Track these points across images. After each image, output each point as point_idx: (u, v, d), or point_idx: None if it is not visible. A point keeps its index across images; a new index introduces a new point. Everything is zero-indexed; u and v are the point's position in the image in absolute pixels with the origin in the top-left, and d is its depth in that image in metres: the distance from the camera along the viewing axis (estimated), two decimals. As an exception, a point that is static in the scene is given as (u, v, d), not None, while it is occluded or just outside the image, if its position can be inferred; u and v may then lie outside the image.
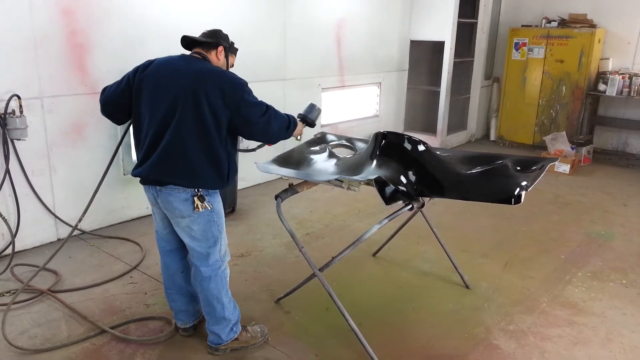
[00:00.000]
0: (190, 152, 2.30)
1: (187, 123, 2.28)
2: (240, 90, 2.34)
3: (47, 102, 3.70)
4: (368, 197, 2.37)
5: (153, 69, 2.41)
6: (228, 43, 2.61)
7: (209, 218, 2.44)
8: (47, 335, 2.77)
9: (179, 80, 2.32)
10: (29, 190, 3.71)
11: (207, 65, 2.43)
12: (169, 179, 2.34)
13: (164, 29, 4.26)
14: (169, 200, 2.38)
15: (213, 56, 2.52)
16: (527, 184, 2.38)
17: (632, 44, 6.98)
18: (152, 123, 2.34)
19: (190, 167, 2.32)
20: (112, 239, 4.02)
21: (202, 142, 2.31)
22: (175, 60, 2.45)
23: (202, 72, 2.35)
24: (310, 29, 5.67)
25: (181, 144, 2.30)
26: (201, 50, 2.51)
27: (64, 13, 3.68)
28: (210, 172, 2.36)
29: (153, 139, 2.34)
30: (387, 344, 2.77)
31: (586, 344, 2.82)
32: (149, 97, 2.36)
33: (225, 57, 2.58)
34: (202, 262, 2.50)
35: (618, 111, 7.22)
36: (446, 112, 7.16)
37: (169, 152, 2.31)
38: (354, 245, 2.65)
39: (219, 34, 2.59)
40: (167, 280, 2.73)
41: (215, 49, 2.53)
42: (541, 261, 3.83)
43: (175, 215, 2.41)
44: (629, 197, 5.44)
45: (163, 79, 2.36)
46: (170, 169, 2.33)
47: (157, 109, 2.33)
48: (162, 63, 2.44)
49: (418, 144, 2.71)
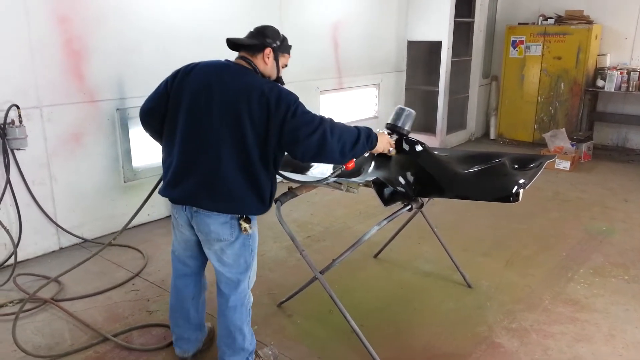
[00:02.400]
0: (230, 177, 2.11)
1: (227, 145, 2.09)
2: (285, 106, 2.07)
3: (46, 111, 3.72)
4: (368, 199, 2.38)
5: (195, 78, 2.19)
6: (278, 42, 2.30)
7: (244, 242, 2.27)
8: (50, 344, 2.77)
9: (221, 95, 2.12)
10: (30, 200, 3.72)
11: (251, 77, 2.18)
12: (206, 204, 2.15)
13: (161, 33, 4.28)
14: (206, 222, 2.19)
15: (260, 61, 2.26)
16: (524, 182, 2.38)
17: (629, 39, 6.99)
18: (189, 140, 2.16)
19: (230, 193, 2.13)
20: (114, 247, 4.02)
21: (244, 166, 2.12)
22: (219, 68, 2.21)
23: (247, 86, 2.11)
24: (307, 32, 5.68)
25: (220, 168, 2.11)
26: (246, 54, 2.25)
27: (60, 20, 3.70)
28: (251, 198, 2.17)
29: (189, 157, 2.16)
30: (389, 344, 2.77)
31: (589, 341, 2.82)
32: (188, 111, 2.17)
33: (275, 60, 2.30)
34: (231, 290, 2.33)
35: (617, 107, 7.22)
36: (445, 112, 7.16)
37: (207, 175, 2.13)
38: (354, 247, 2.65)
39: (266, 32, 2.29)
40: (174, 304, 2.55)
41: (261, 52, 2.25)
42: (542, 258, 3.83)
43: (211, 239, 2.23)
44: (630, 192, 5.44)
45: (204, 91, 2.15)
46: (208, 193, 2.14)
47: (196, 125, 2.14)
48: (205, 71, 2.21)
49: (416, 144, 2.72)
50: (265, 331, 2.89)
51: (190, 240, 2.36)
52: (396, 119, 2.62)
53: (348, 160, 2.30)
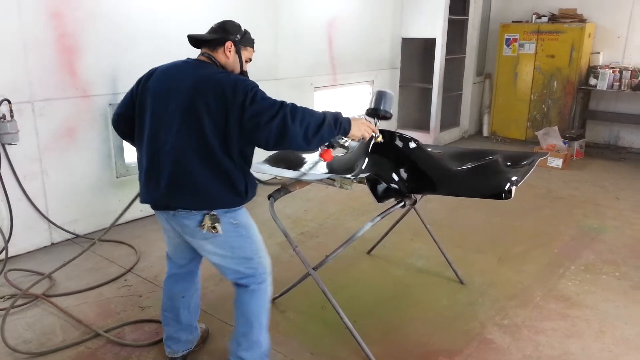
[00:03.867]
0: (197, 173, 2.06)
1: (189, 140, 2.04)
2: (242, 93, 2.00)
3: (38, 106, 3.69)
4: (362, 196, 2.38)
5: (155, 80, 2.18)
6: (239, 35, 2.25)
7: (237, 233, 2.19)
8: (41, 339, 2.76)
9: (178, 91, 2.08)
10: (21, 195, 3.70)
11: (209, 70, 2.13)
12: (178, 203, 2.11)
13: (154, 29, 4.26)
14: (184, 223, 2.14)
15: (221, 55, 2.21)
16: (517, 179, 2.39)
17: (622, 37, 7.03)
18: (152, 141, 2.12)
19: (200, 189, 2.07)
20: (106, 242, 4.00)
21: (209, 160, 2.05)
22: (178, 67, 2.19)
23: (201, 79, 2.07)
24: (301, 28, 5.67)
25: (185, 164, 2.06)
26: (207, 49, 2.22)
27: (53, 16, 3.66)
28: (223, 191, 2.10)
29: (153, 159, 2.12)
30: (382, 340, 2.78)
31: (580, 337, 2.85)
32: (150, 114, 2.14)
33: (237, 53, 2.24)
34: (240, 277, 2.26)
35: (609, 105, 7.26)
36: (439, 109, 7.18)
37: (173, 174, 2.08)
38: (347, 244, 2.66)
39: (227, 25, 2.25)
40: (166, 302, 2.51)
41: (222, 45, 2.21)
42: (534, 255, 3.86)
43: (197, 238, 2.17)
44: (621, 190, 5.48)
45: (163, 92, 2.13)
46: (178, 192, 2.08)
47: (158, 125, 2.11)
48: (164, 72, 2.20)
49: (409, 141, 2.73)
50: (258, 327, 2.89)
51: (178, 241, 2.33)
52: (377, 103, 2.45)
53: (314, 146, 2.16)
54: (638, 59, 6.94)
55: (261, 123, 2.00)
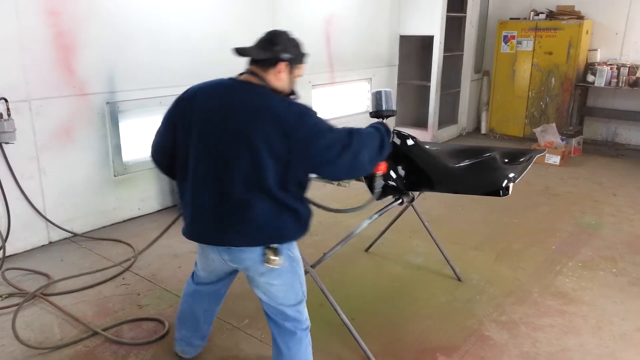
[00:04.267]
0: (258, 208, 1.89)
1: (248, 175, 1.87)
2: (308, 127, 1.87)
3: (35, 105, 3.68)
4: (360, 193, 2.37)
5: (202, 103, 1.95)
6: (294, 53, 2.03)
7: (291, 268, 2.06)
8: (39, 338, 2.76)
9: (233, 120, 1.88)
10: (19, 194, 3.69)
11: (263, 97, 1.92)
12: (236, 241, 1.95)
13: (152, 27, 4.25)
14: (241, 258, 1.99)
15: (272, 77, 1.98)
16: (514, 176, 2.39)
17: (620, 34, 7.03)
18: (203, 175, 1.93)
19: (259, 223, 1.91)
20: (104, 241, 4.00)
21: (268, 194, 1.89)
22: (227, 89, 1.96)
23: (260, 109, 1.87)
24: (299, 26, 5.63)
25: (245, 201, 1.88)
26: (257, 69, 1.98)
27: (50, 14, 3.65)
28: (282, 224, 1.96)
29: (205, 195, 1.93)
30: (380, 338, 2.79)
31: (577, 333, 2.86)
32: (198, 143, 1.93)
33: (289, 73, 2.03)
34: (285, 319, 2.13)
35: (607, 102, 7.27)
36: (437, 107, 7.18)
37: (232, 213, 1.90)
38: (345, 241, 2.66)
39: (279, 41, 1.99)
40: (186, 311, 2.40)
41: (274, 66, 1.97)
42: (532, 252, 3.87)
43: (251, 272, 2.03)
44: (619, 186, 5.49)
45: (213, 120, 1.91)
46: (235, 229, 1.91)
47: (208, 159, 1.91)
48: (211, 95, 1.96)
49: (407, 138, 2.72)
50: (257, 324, 2.89)
51: (222, 270, 2.19)
52: (378, 103, 2.42)
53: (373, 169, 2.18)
54: (635, 55, 6.94)
55: (331, 157, 1.92)
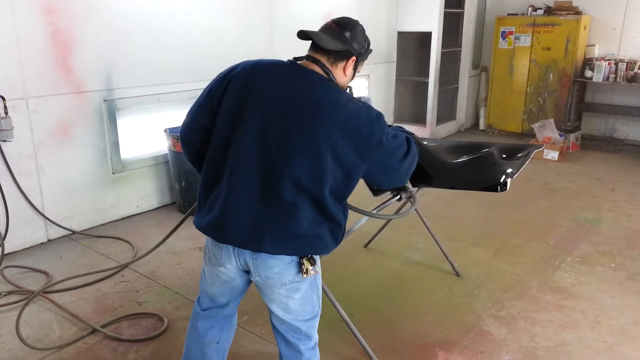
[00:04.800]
0: (304, 215, 1.70)
1: (302, 175, 1.66)
2: (379, 133, 1.71)
3: (32, 103, 3.67)
4: (359, 189, 2.36)
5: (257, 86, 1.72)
6: (364, 47, 1.86)
7: (312, 281, 1.87)
8: (39, 336, 2.76)
9: (296, 114, 1.66)
10: (17, 192, 3.69)
11: (333, 92, 1.72)
12: (274, 249, 1.71)
13: (149, 24, 4.24)
14: (269, 264, 1.75)
15: (339, 71, 1.81)
16: (512, 171, 2.40)
17: (617, 30, 7.03)
18: (251, 167, 1.69)
19: (301, 231, 1.71)
20: (102, 238, 4.00)
21: (316, 200, 1.70)
22: (289, 76, 1.75)
23: (330, 107, 1.67)
24: (297, 23, 5.64)
25: (292, 202, 1.68)
26: (324, 59, 1.78)
27: (46, 11, 3.64)
28: (323, 235, 1.77)
29: (250, 189, 1.70)
30: (379, 333, 2.79)
31: (576, 328, 2.86)
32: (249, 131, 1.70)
33: (353, 70, 1.86)
34: (302, 341, 1.93)
35: (605, 97, 7.27)
36: (435, 103, 7.18)
37: (275, 216, 1.70)
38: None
39: (355, 33, 1.81)
40: (193, 350, 2.03)
41: (344, 60, 1.80)
42: (531, 247, 3.87)
43: (273, 281, 1.79)
44: (617, 182, 5.50)
45: (273, 107, 1.68)
46: (274, 234, 1.70)
47: (259, 149, 1.68)
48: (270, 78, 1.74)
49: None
50: (256, 321, 2.90)
51: (236, 281, 1.91)
52: None
53: None
54: (633, 51, 6.94)
55: (393, 165, 1.82)
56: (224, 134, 1.74)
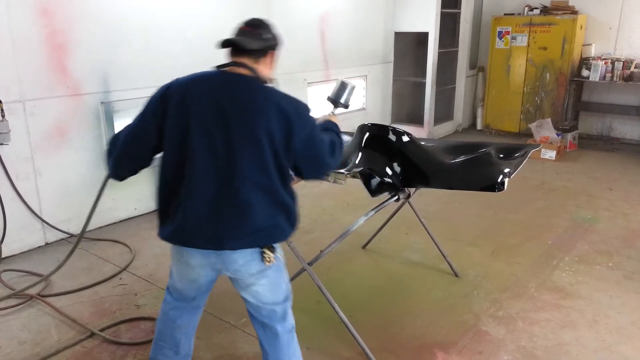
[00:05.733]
0: (260, 208, 1.83)
1: (251, 172, 1.80)
2: (309, 125, 1.90)
3: (29, 105, 3.66)
4: (357, 190, 2.37)
5: (193, 98, 1.83)
6: (278, 40, 2.00)
7: (278, 266, 2.00)
8: (37, 340, 2.75)
9: (235, 116, 1.79)
10: (14, 195, 3.68)
11: (263, 90, 1.87)
12: (237, 245, 1.84)
13: (146, 26, 4.23)
14: (234, 259, 1.88)
15: (263, 67, 1.94)
16: (509, 171, 2.40)
17: (614, 29, 7.05)
18: (205, 176, 1.81)
19: (260, 224, 1.85)
20: (100, 241, 4.00)
21: (269, 192, 1.84)
22: (220, 82, 1.87)
23: (262, 103, 1.82)
24: (294, 23, 5.65)
25: (248, 201, 1.81)
26: (248, 60, 1.89)
27: (42, 13, 3.63)
28: (281, 223, 1.90)
29: (209, 197, 1.81)
30: (378, 334, 2.79)
31: (574, 327, 2.87)
32: (198, 141, 1.80)
33: (275, 60, 2.02)
34: (277, 322, 2.06)
35: (602, 96, 7.29)
36: (432, 103, 7.19)
37: (234, 215, 1.82)
38: (341, 238, 2.66)
39: (267, 28, 1.96)
40: (164, 332, 2.14)
41: (265, 55, 1.94)
42: (528, 247, 3.88)
43: (243, 275, 1.92)
44: (614, 181, 5.51)
45: (211, 112, 1.80)
46: (236, 231, 1.83)
47: (210, 157, 1.80)
48: (203, 88, 1.85)
49: (402, 134, 2.73)
50: (254, 323, 2.89)
51: (204, 281, 2.01)
52: (339, 94, 2.51)
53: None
54: (629, 50, 6.96)
55: (319, 161, 1.97)
56: (174, 149, 1.85)
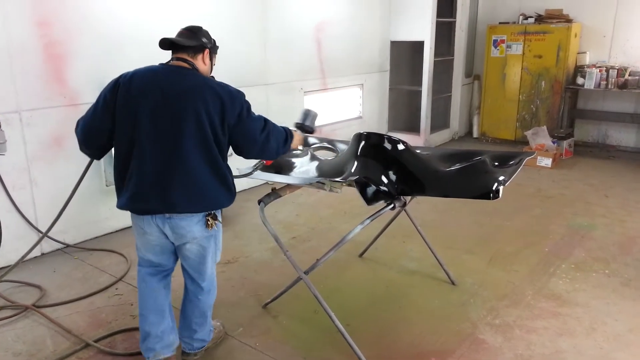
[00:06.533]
0: (202, 177, 2.19)
1: (193, 146, 2.15)
2: (240, 105, 2.23)
3: (25, 116, 3.67)
4: (354, 199, 2.37)
5: (141, 87, 2.17)
6: (211, 42, 2.39)
7: (215, 233, 2.40)
8: (32, 351, 2.73)
9: (176, 98, 2.15)
10: (10, 205, 3.67)
11: (200, 78, 2.24)
12: (184, 209, 2.21)
13: (142, 35, 4.24)
14: (181, 225, 2.25)
15: (199, 62, 2.32)
16: (504, 179, 2.41)
17: (608, 37, 7.11)
18: (154, 148, 2.16)
19: (204, 192, 2.22)
20: (96, 251, 3.98)
21: (209, 163, 2.20)
22: (163, 73, 2.23)
23: (199, 86, 2.18)
24: (290, 33, 5.69)
25: (192, 170, 2.17)
26: (186, 56, 2.28)
27: (39, 24, 3.65)
28: (221, 192, 2.28)
29: (158, 166, 2.16)
30: (375, 343, 2.78)
31: (571, 335, 2.86)
32: (145, 121, 2.15)
33: (210, 60, 2.40)
34: (202, 278, 2.47)
35: (597, 104, 7.33)
36: (428, 111, 7.21)
37: (180, 181, 2.17)
38: (337, 247, 2.66)
39: (202, 33, 2.36)
40: (150, 303, 2.48)
41: (201, 52, 2.32)
42: (525, 255, 3.88)
43: (187, 238, 2.30)
44: (610, 188, 5.53)
45: (157, 97, 2.15)
46: (183, 197, 2.18)
47: (158, 133, 2.15)
48: (149, 79, 2.20)
49: (398, 143, 2.74)
50: (251, 332, 2.88)
51: (164, 243, 2.36)
52: (304, 119, 2.78)
53: (275, 158, 2.55)
54: (624, 57, 7.01)
55: (251, 136, 2.28)
56: (126, 129, 2.18)
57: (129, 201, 2.22)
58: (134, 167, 2.19)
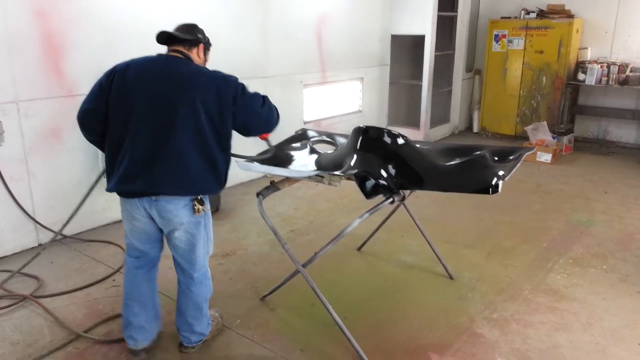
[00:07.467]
0: (191, 162, 2.24)
1: (185, 132, 2.21)
2: (234, 86, 2.30)
3: (23, 107, 3.65)
4: (352, 192, 2.38)
5: (136, 75, 2.26)
6: (206, 38, 2.53)
7: (205, 221, 2.44)
8: (29, 341, 2.73)
9: (171, 87, 2.23)
10: (7, 196, 3.66)
11: (194, 67, 2.34)
12: (170, 190, 2.26)
13: (142, 27, 4.21)
14: (167, 208, 2.29)
15: (194, 54, 2.43)
16: (504, 174, 2.40)
17: (609, 33, 7.08)
18: (145, 134, 2.22)
19: (192, 176, 2.26)
20: (93, 242, 3.98)
21: (201, 149, 2.25)
22: (159, 63, 2.32)
23: (194, 75, 2.26)
24: (290, 25, 5.66)
25: (181, 154, 2.22)
26: (182, 48, 2.39)
27: (38, 15, 3.63)
28: (209, 178, 2.31)
29: (148, 149, 2.22)
30: (372, 336, 2.78)
31: (568, 329, 2.87)
32: (139, 107, 2.23)
33: (204, 55, 2.51)
34: (193, 268, 2.50)
35: (598, 100, 7.32)
36: (429, 106, 7.19)
37: (168, 164, 2.22)
38: (335, 240, 2.65)
39: (197, 29, 2.50)
40: (134, 291, 2.55)
41: (196, 46, 2.44)
42: (523, 250, 3.88)
43: (174, 223, 2.34)
44: (610, 184, 5.52)
45: (154, 84, 2.24)
46: (171, 180, 2.24)
47: (150, 119, 2.22)
48: (144, 67, 2.30)
49: (397, 137, 2.73)
50: (248, 324, 2.88)
51: (150, 230, 2.43)
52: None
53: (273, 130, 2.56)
54: (625, 54, 6.99)
55: (254, 111, 2.36)
56: (120, 114, 2.25)
57: (117, 183, 2.27)
58: (125, 151, 2.24)
